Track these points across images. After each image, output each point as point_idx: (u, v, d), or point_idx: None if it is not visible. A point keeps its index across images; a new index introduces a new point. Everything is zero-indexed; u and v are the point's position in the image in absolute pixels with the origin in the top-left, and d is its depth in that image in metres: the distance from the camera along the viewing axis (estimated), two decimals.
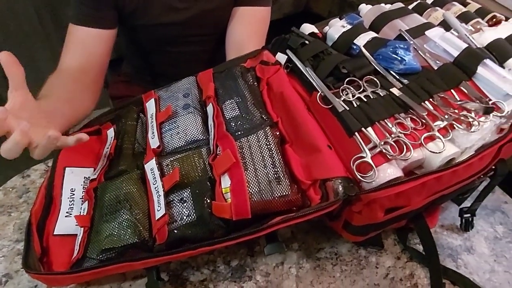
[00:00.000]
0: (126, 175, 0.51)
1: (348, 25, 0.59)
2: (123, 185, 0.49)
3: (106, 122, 0.65)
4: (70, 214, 0.52)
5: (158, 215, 0.45)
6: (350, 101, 0.49)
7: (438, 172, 0.44)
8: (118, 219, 0.46)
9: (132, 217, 0.46)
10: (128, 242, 0.45)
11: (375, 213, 0.48)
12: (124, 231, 0.45)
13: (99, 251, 0.46)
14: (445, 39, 0.51)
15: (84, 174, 0.58)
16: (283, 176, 0.47)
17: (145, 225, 0.46)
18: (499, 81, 0.46)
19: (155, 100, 0.61)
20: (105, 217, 0.47)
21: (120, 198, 0.49)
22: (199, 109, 0.58)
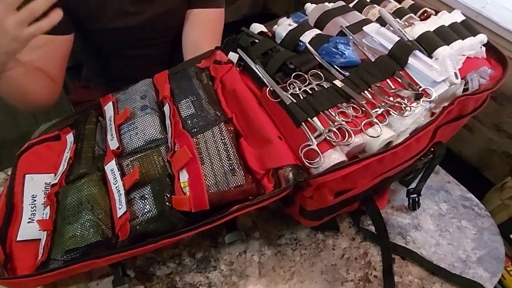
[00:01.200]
0: (86, 178, 0.51)
1: (294, 24, 0.62)
2: (84, 187, 0.50)
3: (65, 128, 0.64)
4: (32, 220, 0.52)
5: (120, 213, 0.46)
6: (297, 94, 0.52)
7: (378, 154, 0.48)
8: (80, 220, 0.46)
9: (94, 217, 0.46)
10: (91, 241, 0.46)
11: (325, 197, 0.51)
12: (87, 231, 0.45)
13: (63, 252, 0.46)
14: (380, 34, 0.55)
15: (45, 180, 0.57)
16: (237, 168, 0.49)
17: (107, 224, 0.47)
18: (427, 70, 0.50)
19: (113, 103, 0.61)
20: (68, 219, 0.47)
21: (81, 200, 0.50)
22: (156, 110, 0.59)
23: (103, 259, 0.45)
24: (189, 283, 0.55)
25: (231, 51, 0.62)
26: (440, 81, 0.50)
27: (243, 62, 0.60)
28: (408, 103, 0.49)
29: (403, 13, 0.63)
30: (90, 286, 0.53)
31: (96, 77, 0.97)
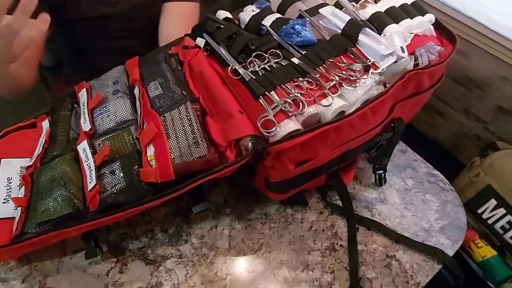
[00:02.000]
0: (60, 157, 0.54)
1: (257, 10, 0.66)
2: (58, 166, 0.52)
3: (40, 115, 0.66)
4: (7, 200, 0.54)
5: (90, 186, 0.48)
6: (256, 72, 0.55)
7: (331, 123, 0.51)
8: (53, 195, 0.49)
9: (66, 192, 0.48)
10: (63, 213, 0.48)
11: (286, 166, 0.54)
12: (59, 204, 0.47)
13: (36, 224, 0.48)
14: (334, 15, 0.59)
15: (20, 164, 0.59)
16: (201, 140, 0.52)
17: (79, 197, 0.49)
18: (375, 45, 0.54)
19: (86, 90, 0.64)
20: (41, 195, 0.49)
21: (54, 177, 0.52)
22: (127, 93, 0.61)
23: (73, 228, 0.47)
24: (160, 255, 0.57)
25: (198, 37, 0.65)
26: (387, 54, 0.53)
27: (210, 47, 0.63)
28: (358, 75, 0.53)
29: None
30: (64, 260, 0.55)
31: (76, 71, 0.99)
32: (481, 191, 0.90)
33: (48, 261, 0.55)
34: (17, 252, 0.50)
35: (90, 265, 0.55)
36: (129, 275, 0.54)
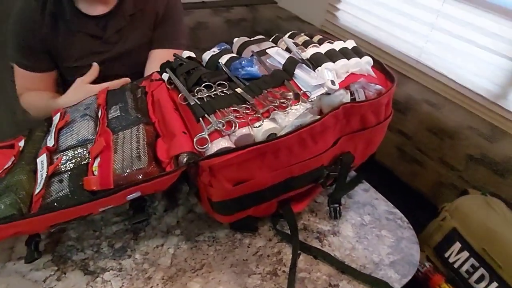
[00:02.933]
0: (20, 168, 0.58)
1: (217, 51, 0.74)
2: (15, 175, 0.57)
3: (19, 136, 0.73)
4: None
5: (36, 191, 0.52)
6: (202, 98, 0.61)
7: (261, 142, 0.54)
8: (3, 200, 0.52)
9: (15, 197, 0.52)
10: (6, 214, 0.51)
11: (222, 184, 0.57)
12: (5, 207, 0.51)
13: None
14: (278, 54, 0.66)
15: None
16: (143, 155, 0.56)
17: (26, 203, 0.53)
18: (308, 77, 0.59)
19: (60, 114, 0.71)
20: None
21: (9, 184, 0.56)
22: (94, 117, 0.68)
23: (7, 225, 0.50)
24: (101, 267, 0.59)
25: (164, 72, 0.73)
26: (318, 85, 0.58)
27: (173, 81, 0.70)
28: (290, 103, 0.58)
29: (308, 43, 0.74)
30: (7, 265, 0.57)
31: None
32: (447, 235, 0.89)
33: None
34: None
35: (31, 271, 0.56)
36: (65, 283, 0.55)
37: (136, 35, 0.96)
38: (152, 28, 0.99)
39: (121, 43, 0.95)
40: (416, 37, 1.34)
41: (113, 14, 0.93)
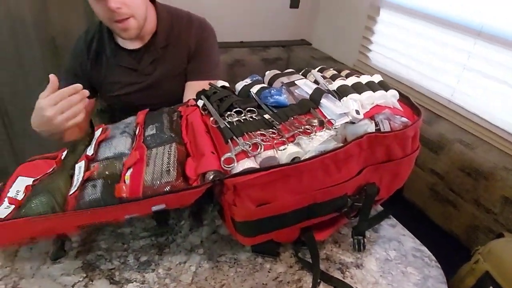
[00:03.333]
0: (59, 172, 0.64)
1: (250, 81, 0.78)
2: (54, 178, 0.62)
3: (63, 148, 0.79)
4: (8, 206, 0.62)
5: (71, 192, 0.57)
6: (232, 122, 0.64)
7: (284, 164, 0.56)
8: (39, 198, 0.57)
9: (51, 197, 0.57)
10: (40, 211, 0.55)
11: (246, 204, 0.58)
12: (41, 205, 0.55)
13: (18, 217, 0.56)
14: (306, 85, 0.69)
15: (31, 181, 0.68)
16: (172, 170, 0.59)
17: (60, 204, 0.57)
18: (333, 106, 0.61)
19: (102, 129, 0.77)
20: (30, 198, 0.58)
21: (48, 185, 0.61)
22: (131, 134, 0.73)
23: (41, 218, 0.54)
24: (125, 278, 0.61)
25: (199, 99, 0.78)
26: (342, 114, 0.60)
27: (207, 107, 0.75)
28: (315, 129, 0.59)
29: (336, 76, 0.77)
30: (41, 268, 0.61)
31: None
32: (479, 278, 0.83)
33: (28, 266, 0.60)
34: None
35: (62, 276, 0.59)
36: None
37: (168, 66, 1.04)
38: (185, 60, 1.06)
39: (154, 74, 1.03)
40: (448, 77, 1.34)
41: (147, 48, 1.02)
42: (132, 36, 0.94)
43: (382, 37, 1.69)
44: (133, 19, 0.91)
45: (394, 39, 1.61)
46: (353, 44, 1.86)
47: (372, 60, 1.75)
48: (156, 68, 1.03)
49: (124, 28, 0.91)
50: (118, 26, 0.90)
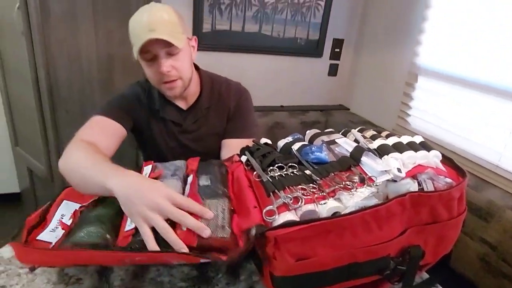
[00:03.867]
0: (110, 201, 0.65)
1: (291, 139, 0.82)
2: (105, 207, 0.64)
3: None
4: (53, 230, 0.64)
5: (127, 228, 0.59)
6: (274, 177, 0.66)
7: (324, 218, 0.56)
8: (91, 227, 0.59)
9: (102, 227, 0.59)
10: (93, 242, 0.57)
11: (285, 257, 0.58)
12: (93, 234, 0.57)
13: (69, 245, 0.57)
14: (346, 143, 0.71)
15: (76, 207, 0.69)
16: (227, 226, 0.61)
17: (111, 234, 0.59)
18: (374, 164, 0.62)
19: (152, 166, 0.80)
20: (81, 226, 0.60)
21: (99, 215, 0.63)
22: (182, 179, 0.77)
23: (86, 252, 0.55)
24: None
25: (243, 155, 0.82)
26: (383, 171, 0.61)
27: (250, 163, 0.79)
28: (356, 185, 0.60)
29: (376, 137, 0.78)
30: None
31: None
32: None
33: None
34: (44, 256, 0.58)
35: None
36: None
37: (209, 125, 1.14)
38: (224, 120, 1.15)
39: (197, 132, 1.12)
40: (493, 142, 1.30)
41: (192, 108, 1.13)
42: (176, 94, 1.04)
43: (421, 102, 1.71)
44: (180, 80, 1.01)
45: (433, 105, 1.61)
46: (391, 109, 1.89)
47: (412, 124, 1.75)
48: (199, 127, 1.13)
49: (171, 87, 1.01)
50: (165, 86, 1.01)
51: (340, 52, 2.28)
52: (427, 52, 1.67)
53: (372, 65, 2.13)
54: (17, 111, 1.81)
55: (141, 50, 0.92)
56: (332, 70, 2.32)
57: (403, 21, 1.84)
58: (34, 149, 1.74)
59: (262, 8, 1.93)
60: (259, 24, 1.95)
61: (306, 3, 2.03)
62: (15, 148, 1.97)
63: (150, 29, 0.90)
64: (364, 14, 2.18)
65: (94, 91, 1.62)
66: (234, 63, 1.91)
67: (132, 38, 0.96)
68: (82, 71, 1.57)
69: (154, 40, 0.91)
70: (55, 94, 1.54)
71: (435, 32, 1.63)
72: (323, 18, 2.09)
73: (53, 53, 1.49)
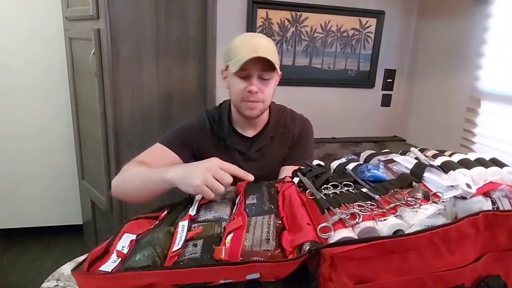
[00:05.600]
0: (159, 228, 0.69)
1: (345, 160, 0.79)
2: (155, 233, 0.67)
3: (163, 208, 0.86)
4: (115, 261, 0.66)
5: (174, 249, 0.60)
6: (328, 194, 0.64)
7: (385, 237, 0.52)
8: (142, 252, 0.61)
9: (153, 251, 0.60)
10: (143, 264, 0.58)
11: (343, 279, 0.54)
12: (144, 258, 0.59)
13: (123, 269, 0.59)
14: (405, 160, 0.67)
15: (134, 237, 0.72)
16: (272, 239, 0.60)
17: (161, 257, 0.60)
18: (439, 179, 0.57)
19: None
20: (135, 251, 0.62)
21: (149, 240, 0.65)
22: (231, 202, 0.78)
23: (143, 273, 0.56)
24: None
25: (295, 176, 0.81)
26: (450, 187, 0.55)
27: (302, 183, 0.77)
28: (419, 202, 0.55)
29: (438, 155, 0.73)
30: None
31: None
32: None
33: None
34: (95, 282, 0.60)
35: None
36: None
37: (273, 154, 1.17)
38: (287, 147, 1.18)
39: (260, 160, 1.13)
40: None
41: (258, 136, 1.16)
42: (253, 116, 1.09)
43: (486, 128, 1.58)
44: (262, 104, 1.08)
45: (501, 129, 1.48)
46: (453, 137, 1.77)
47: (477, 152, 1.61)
48: (262, 156, 1.16)
49: (252, 107, 1.07)
50: (247, 105, 1.06)
51: (392, 83, 2.23)
52: (489, 75, 1.57)
53: (427, 93, 2.05)
54: (86, 145, 1.99)
55: (241, 67, 0.99)
56: (385, 100, 2.26)
57: (459, 47, 1.77)
58: (98, 181, 1.88)
59: (312, 43, 1.98)
60: (309, 58, 2.00)
61: (355, 36, 2.04)
62: (82, 181, 2.13)
63: (255, 50, 0.99)
64: (416, 43, 2.14)
65: (153, 124, 1.73)
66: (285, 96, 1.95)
67: (232, 54, 1.04)
68: (143, 106, 1.70)
69: (255, 61, 0.99)
70: (119, 128, 1.67)
71: (496, 54, 1.54)
72: (373, 49, 2.08)
73: (120, 90, 1.65)
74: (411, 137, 2.22)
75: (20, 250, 2.32)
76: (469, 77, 1.67)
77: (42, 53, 2.16)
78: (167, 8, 1.63)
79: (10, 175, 2.32)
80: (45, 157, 2.34)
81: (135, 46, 1.63)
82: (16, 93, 2.19)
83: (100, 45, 1.59)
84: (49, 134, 2.31)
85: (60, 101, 2.23)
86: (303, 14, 1.92)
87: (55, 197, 2.42)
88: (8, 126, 2.23)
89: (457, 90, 1.77)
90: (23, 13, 2.09)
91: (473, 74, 1.64)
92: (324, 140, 2.17)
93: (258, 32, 1.88)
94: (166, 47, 1.67)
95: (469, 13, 1.68)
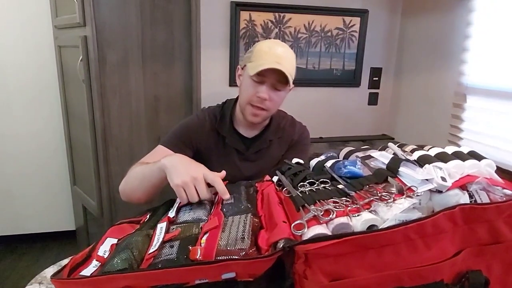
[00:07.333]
0: (138, 231, 0.67)
1: (324, 157, 0.77)
2: (134, 237, 0.65)
3: (146, 212, 0.84)
4: (96, 266, 0.64)
5: (150, 251, 0.58)
6: (304, 192, 0.62)
7: (358, 233, 0.50)
8: (120, 255, 0.59)
9: (130, 254, 0.58)
10: (119, 268, 0.57)
11: (318, 277, 0.52)
12: (121, 261, 0.57)
13: (101, 273, 0.57)
14: (382, 156, 0.65)
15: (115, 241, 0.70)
16: (247, 238, 0.57)
17: (138, 260, 0.58)
18: (414, 173, 0.55)
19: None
20: (114, 255, 0.60)
21: (128, 243, 0.63)
22: (209, 203, 0.76)
23: (118, 276, 0.54)
24: None
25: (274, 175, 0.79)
26: (425, 181, 0.53)
27: (281, 182, 0.75)
28: (393, 197, 0.53)
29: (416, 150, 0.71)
30: None
31: None
32: None
33: None
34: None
35: None
36: None
37: (270, 156, 1.17)
38: (285, 150, 1.19)
39: (257, 161, 1.14)
40: None
41: (257, 138, 1.16)
42: (255, 122, 1.09)
43: (473, 123, 1.56)
44: (266, 112, 1.07)
45: (488, 124, 1.47)
46: (440, 133, 1.76)
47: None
48: (260, 157, 1.15)
49: (255, 114, 1.06)
50: (252, 109, 1.05)
51: (379, 81, 2.21)
52: (474, 70, 1.55)
53: (414, 90, 2.03)
54: (76, 151, 1.96)
55: (259, 73, 1.00)
56: (372, 99, 2.24)
57: (444, 43, 1.75)
58: (88, 186, 1.85)
59: (296, 43, 1.96)
60: None
61: (339, 35, 2.03)
62: (73, 187, 2.10)
63: (278, 61, 1.00)
64: (401, 40, 2.13)
65: (141, 128, 1.71)
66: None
67: (254, 57, 1.04)
68: (131, 111, 1.67)
69: (274, 71, 0.99)
70: (107, 133, 1.65)
71: (480, 49, 1.53)
72: (358, 48, 2.07)
73: (108, 96, 1.62)
74: (400, 135, 2.21)
75: (15, 257, 2.28)
76: (454, 72, 1.66)
77: (32, 62, 2.13)
78: (152, 13, 1.61)
79: (2, 182, 2.29)
80: (37, 164, 2.31)
81: (121, 51, 1.60)
82: (6, 102, 2.17)
83: (87, 51, 1.57)
84: (41, 141, 2.27)
85: (52, 109, 2.20)
86: (286, 15, 1.90)
87: (48, 204, 2.38)
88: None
89: (443, 86, 1.76)
90: (14, 23, 2.07)
91: (458, 69, 1.63)
92: (311, 140, 2.15)
93: (241, 34, 1.86)
94: (152, 51, 1.65)
95: (452, 8, 1.67)
